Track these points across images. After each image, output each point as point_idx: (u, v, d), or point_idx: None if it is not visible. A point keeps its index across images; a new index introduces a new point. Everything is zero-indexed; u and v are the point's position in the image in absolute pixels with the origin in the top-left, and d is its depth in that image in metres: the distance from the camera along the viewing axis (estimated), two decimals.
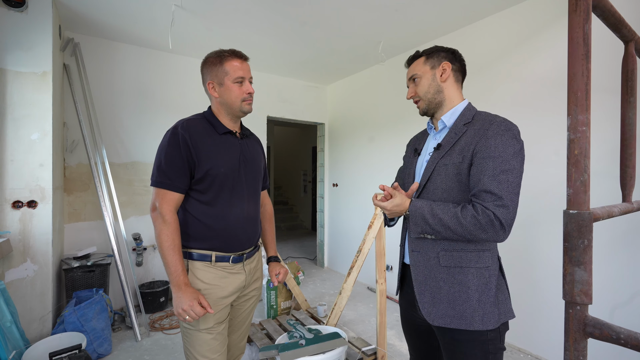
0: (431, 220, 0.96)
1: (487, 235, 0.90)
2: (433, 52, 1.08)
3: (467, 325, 0.96)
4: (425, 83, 1.08)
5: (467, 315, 0.96)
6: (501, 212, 0.88)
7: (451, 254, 0.99)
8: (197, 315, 1.03)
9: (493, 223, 0.88)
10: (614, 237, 1.88)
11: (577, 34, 0.62)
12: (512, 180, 0.91)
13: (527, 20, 2.28)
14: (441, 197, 1.01)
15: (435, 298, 1.00)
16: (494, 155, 0.92)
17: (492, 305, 0.97)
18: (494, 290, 0.99)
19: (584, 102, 0.61)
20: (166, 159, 1.10)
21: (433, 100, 1.08)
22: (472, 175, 0.95)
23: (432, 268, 1.02)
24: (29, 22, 2.20)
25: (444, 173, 1.00)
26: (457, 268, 0.98)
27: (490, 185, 0.90)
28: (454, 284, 0.98)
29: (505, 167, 0.91)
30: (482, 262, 0.98)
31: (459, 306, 0.97)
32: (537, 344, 2.22)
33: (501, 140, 0.93)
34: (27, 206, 2.18)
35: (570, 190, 0.61)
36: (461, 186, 0.98)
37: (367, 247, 2.00)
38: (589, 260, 0.60)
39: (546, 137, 2.16)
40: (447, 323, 0.98)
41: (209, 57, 1.20)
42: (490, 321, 0.96)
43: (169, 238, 1.07)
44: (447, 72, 1.06)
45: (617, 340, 0.56)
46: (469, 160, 0.96)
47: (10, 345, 1.81)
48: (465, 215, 0.91)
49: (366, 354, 1.95)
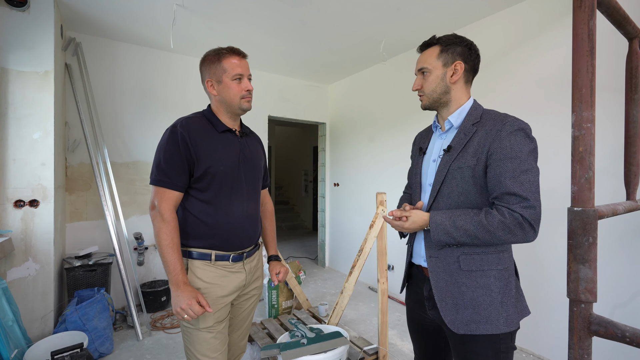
0: (455, 232, 0.93)
1: (516, 238, 0.89)
2: (449, 45, 1.01)
3: (494, 330, 0.94)
4: (434, 81, 1.03)
5: (493, 318, 0.94)
6: (529, 213, 0.87)
7: (472, 257, 0.97)
8: (195, 314, 1.03)
9: (522, 225, 0.87)
10: (614, 237, 1.87)
11: (582, 30, 0.61)
12: (533, 179, 0.89)
13: (528, 19, 2.27)
14: (458, 200, 0.98)
15: (459, 304, 0.97)
16: (511, 155, 0.90)
17: (514, 306, 0.97)
18: (514, 290, 0.98)
19: (588, 98, 0.61)
20: (165, 157, 1.10)
21: (438, 100, 1.05)
22: (491, 178, 0.93)
23: (453, 273, 0.99)
24: (31, 22, 2.20)
25: (459, 176, 0.98)
26: (479, 272, 0.96)
27: (513, 187, 0.88)
28: (477, 288, 0.96)
29: (524, 167, 0.89)
30: (502, 263, 0.97)
31: (484, 310, 0.95)
32: (540, 343, 2.21)
33: (516, 140, 0.91)
34: (29, 205, 2.18)
35: (575, 187, 0.61)
36: (478, 189, 0.96)
37: (369, 246, 2.00)
38: (593, 257, 0.59)
39: (549, 136, 2.15)
40: (473, 330, 0.95)
41: (208, 55, 1.19)
42: (513, 322, 0.95)
43: (168, 236, 1.07)
44: (458, 73, 1.01)
45: (623, 338, 0.55)
46: (484, 162, 0.94)
47: (12, 344, 1.82)
48: (491, 221, 0.89)
49: (368, 353, 1.94)
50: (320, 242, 4.52)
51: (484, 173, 0.95)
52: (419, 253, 1.10)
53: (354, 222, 3.94)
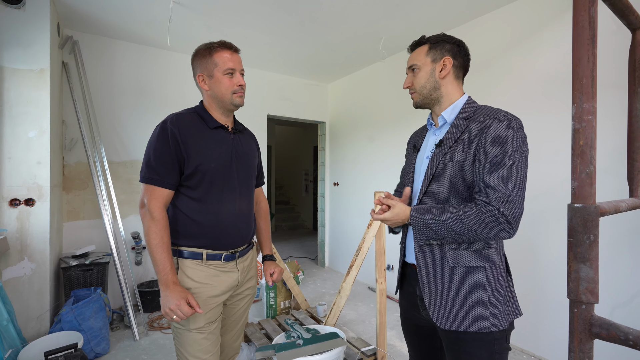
0: (434, 224, 0.92)
1: (492, 233, 0.87)
2: (438, 42, 1.03)
3: (479, 327, 0.92)
4: (423, 77, 1.04)
5: (479, 316, 0.93)
6: (506, 207, 0.85)
7: (460, 253, 0.96)
8: (184, 315, 1.01)
9: (498, 220, 0.85)
10: (614, 237, 1.84)
11: (583, 18, 0.58)
12: (517, 174, 0.87)
13: (529, 16, 2.24)
14: (447, 195, 0.97)
15: (445, 300, 0.96)
16: (497, 150, 0.89)
17: (503, 305, 0.94)
18: (504, 289, 0.96)
19: (589, 89, 0.57)
20: (155, 155, 1.08)
21: (429, 96, 1.05)
22: (475, 172, 0.92)
23: (440, 268, 0.98)
24: (27, 19, 2.18)
25: (449, 170, 0.97)
26: (467, 267, 0.95)
27: (493, 181, 0.87)
28: (464, 284, 0.94)
29: (508, 162, 0.87)
30: (491, 260, 0.95)
31: (470, 307, 0.93)
32: (541, 344, 2.18)
33: (505, 134, 0.90)
34: (24, 204, 2.17)
35: (575, 182, 0.58)
36: (467, 183, 0.95)
37: (367, 246, 1.97)
38: (595, 256, 0.56)
39: (549, 135, 2.11)
40: (458, 326, 0.94)
41: (199, 49, 1.17)
42: (501, 321, 0.93)
43: (157, 235, 1.04)
44: (447, 68, 1.02)
45: (626, 341, 0.52)
46: (473, 156, 0.93)
47: (6, 344, 1.80)
48: (467, 214, 0.88)
49: (366, 354, 1.91)
50: (319, 242, 4.50)
51: (472, 167, 0.94)
52: (411, 251, 1.08)
53: (354, 221, 3.91)
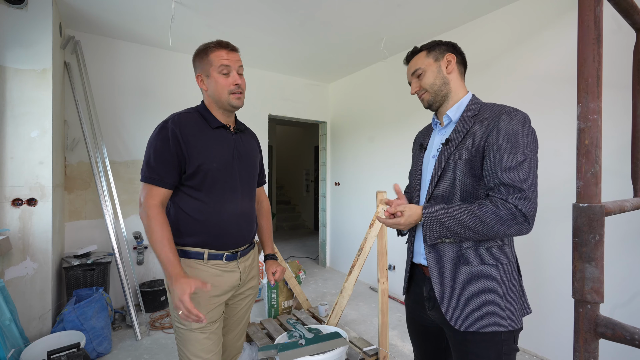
0: (447, 222, 0.91)
1: (510, 229, 0.86)
2: (434, 46, 1.05)
3: (496, 327, 0.90)
4: (431, 75, 1.04)
5: (496, 315, 0.91)
6: (523, 204, 0.85)
7: (472, 252, 0.94)
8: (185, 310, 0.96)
9: (515, 216, 0.85)
10: (614, 237, 1.84)
11: (588, 17, 0.58)
12: (529, 170, 0.87)
13: (531, 15, 2.23)
14: (456, 193, 0.97)
15: (459, 300, 0.94)
16: (507, 146, 0.88)
17: (517, 303, 0.94)
18: (517, 286, 0.95)
19: (595, 88, 0.57)
20: (155, 154, 1.08)
21: (439, 92, 1.04)
22: (487, 169, 0.91)
23: (453, 269, 0.96)
24: (29, 20, 2.19)
25: (457, 168, 0.96)
26: (480, 266, 0.93)
27: (508, 178, 0.86)
28: (478, 283, 0.93)
29: (520, 157, 0.87)
30: (504, 258, 0.94)
31: (486, 306, 0.91)
32: (545, 345, 2.17)
33: (513, 130, 0.89)
34: (26, 204, 2.17)
35: (581, 182, 0.58)
36: (476, 180, 0.94)
37: (369, 245, 1.97)
38: (600, 256, 0.56)
39: (553, 134, 2.11)
40: (475, 327, 0.91)
41: (198, 49, 1.17)
42: (517, 319, 0.92)
43: (158, 232, 1.03)
44: (452, 63, 1.03)
45: (632, 341, 0.52)
46: (482, 153, 0.93)
47: (9, 344, 1.80)
48: (484, 211, 0.87)
49: (367, 354, 1.91)
50: (321, 242, 4.50)
51: (481, 165, 0.93)
52: (419, 251, 1.07)
53: (355, 221, 3.91)
